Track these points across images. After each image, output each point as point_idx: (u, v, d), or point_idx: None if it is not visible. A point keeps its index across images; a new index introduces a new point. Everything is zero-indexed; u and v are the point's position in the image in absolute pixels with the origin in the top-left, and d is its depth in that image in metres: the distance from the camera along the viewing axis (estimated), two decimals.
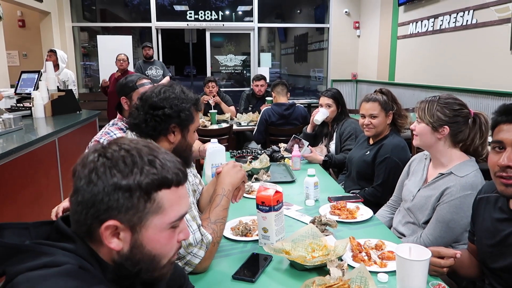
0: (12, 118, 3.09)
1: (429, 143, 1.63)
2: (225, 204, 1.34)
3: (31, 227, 0.74)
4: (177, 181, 0.75)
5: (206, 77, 7.26)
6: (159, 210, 0.73)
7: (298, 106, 3.95)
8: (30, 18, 6.93)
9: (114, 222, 0.70)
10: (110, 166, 0.70)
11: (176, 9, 7.50)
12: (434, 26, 5.11)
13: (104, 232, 0.70)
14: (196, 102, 1.38)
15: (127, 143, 0.75)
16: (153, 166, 0.72)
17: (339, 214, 1.72)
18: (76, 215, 0.72)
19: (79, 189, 0.71)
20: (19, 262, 0.66)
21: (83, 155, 0.76)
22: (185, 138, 1.38)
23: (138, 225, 0.72)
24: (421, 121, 1.63)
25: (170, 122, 1.34)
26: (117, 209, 0.70)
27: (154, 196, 0.72)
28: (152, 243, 0.74)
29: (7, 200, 2.49)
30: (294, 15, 8.60)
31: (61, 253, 0.68)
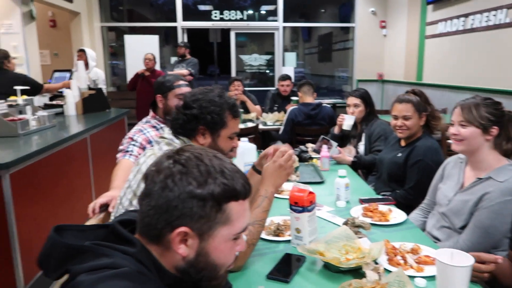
0: (46, 115, 3.19)
1: (475, 147, 1.58)
2: (266, 206, 1.33)
3: (89, 230, 0.77)
4: (244, 193, 0.78)
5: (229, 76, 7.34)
6: (227, 221, 0.75)
7: (325, 106, 3.92)
8: (61, 18, 7.13)
9: (186, 229, 0.72)
10: (186, 173, 0.73)
11: (200, 9, 7.57)
12: (465, 25, 4.98)
13: (175, 237, 0.73)
14: (231, 108, 1.38)
15: (199, 151, 0.78)
16: (225, 177, 0.75)
17: (372, 216, 1.69)
18: (147, 218, 0.74)
19: (152, 193, 0.73)
20: (81, 262, 0.68)
21: (157, 160, 0.78)
22: (216, 142, 1.39)
23: (207, 233, 0.74)
24: (469, 124, 1.57)
25: (198, 123, 1.37)
26: (190, 216, 0.72)
27: (225, 207, 0.74)
28: (216, 253, 0.76)
29: (42, 195, 2.57)
30: (318, 14, 8.54)
31: (120, 256, 0.71)
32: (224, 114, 1.37)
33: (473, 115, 1.56)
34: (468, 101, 1.61)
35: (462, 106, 1.61)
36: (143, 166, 1.37)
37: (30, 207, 2.40)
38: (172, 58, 7.68)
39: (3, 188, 2.15)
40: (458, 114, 1.60)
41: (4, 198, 2.15)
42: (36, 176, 2.50)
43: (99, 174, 3.46)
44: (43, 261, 0.72)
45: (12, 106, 3.05)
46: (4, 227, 2.17)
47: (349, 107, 2.91)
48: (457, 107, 1.63)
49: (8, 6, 4.92)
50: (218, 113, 1.36)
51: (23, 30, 5.02)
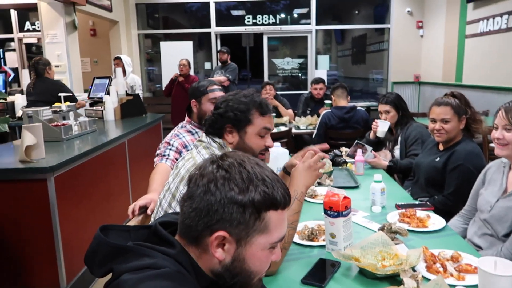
0: (87, 121, 3.33)
1: None
2: (296, 208, 1.31)
3: (132, 230, 0.81)
4: (284, 203, 0.78)
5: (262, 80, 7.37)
6: (265, 230, 0.76)
7: (359, 109, 3.86)
8: (101, 27, 7.44)
9: (224, 233, 0.74)
10: (229, 179, 0.75)
11: (233, 14, 7.66)
12: (508, 24, 4.76)
13: (213, 241, 0.75)
14: (259, 105, 1.39)
15: (242, 158, 0.79)
16: (266, 186, 0.76)
17: (409, 222, 1.65)
18: (188, 220, 0.77)
19: (194, 196, 0.76)
20: (124, 261, 0.72)
21: (200, 164, 0.81)
22: (243, 140, 1.40)
23: (244, 240, 0.75)
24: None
25: (224, 122, 1.40)
26: (229, 221, 0.74)
27: (264, 215, 0.75)
28: (252, 260, 0.77)
29: (83, 197, 2.69)
30: (352, 16, 8.42)
31: (161, 256, 0.73)
32: (249, 112, 1.39)
33: None
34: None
35: (506, 108, 1.54)
36: (182, 169, 1.41)
37: (72, 208, 2.51)
38: (206, 63, 7.83)
39: (49, 190, 2.26)
40: (503, 117, 1.54)
41: (49, 199, 2.26)
42: (78, 179, 2.61)
43: (135, 177, 3.57)
44: (89, 259, 0.76)
45: (56, 112, 3.21)
46: (49, 227, 2.28)
47: (381, 114, 2.86)
48: (500, 109, 1.57)
49: (53, 17, 5.19)
50: (243, 110, 1.38)
51: (66, 40, 5.27)
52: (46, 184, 2.25)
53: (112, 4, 6.45)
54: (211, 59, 7.49)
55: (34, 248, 2.31)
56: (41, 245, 2.31)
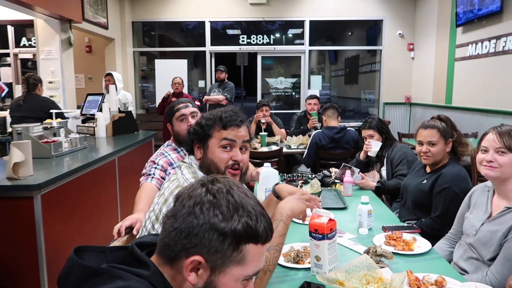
0: (78, 137, 3.32)
1: (509, 175, 1.54)
2: (281, 230, 1.29)
3: (108, 251, 0.80)
4: (265, 238, 0.78)
5: (255, 98, 7.43)
6: (241, 262, 0.75)
7: (350, 129, 3.89)
8: (96, 44, 7.50)
9: (200, 258, 0.74)
10: (215, 204, 0.75)
11: (228, 33, 7.77)
12: (496, 48, 4.87)
13: (188, 264, 0.74)
14: (220, 119, 1.39)
15: (231, 185, 0.80)
16: (250, 218, 0.75)
17: (395, 245, 1.65)
18: (167, 238, 0.76)
19: (178, 216, 0.76)
20: (97, 284, 0.71)
21: (191, 185, 0.81)
22: (206, 154, 1.41)
23: (219, 268, 0.75)
24: (509, 151, 1.52)
25: (191, 139, 1.45)
26: (207, 248, 0.73)
27: (242, 247, 0.75)
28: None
29: (70, 215, 2.66)
30: (345, 37, 8.58)
31: (135, 279, 0.73)
32: (211, 127, 1.40)
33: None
34: (506, 127, 1.56)
35: (500, 132, 1.55)
36: (166, 191, 1.41)
37: (58, 227, 2.48)
38: (200, 81, 7.89)
39: (35, 208, 2.24)
40: (496, 140, 1.55)
41: (35, 218, 2.24)
42: (66, 197, 2.59)
43: (125, 195, 3.54)
44: (62, 281, 0.75)
45: (47, 128, 3.21)
46: (34, 246, 2.25)
47: (365, 139, 2.90)
48: (491, 132, 1.58)
49: (49, 34, 5.23)
50: (203, 125, 1.41)
51: (61, 56, 5.30)
52: (32, 202, 2.23)
53: (109, 22, 6.52)
54: (205, 77, 7.56)
55: (17, 267, 2.27)
56: (24, 264, 2.27)
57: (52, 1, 4.70)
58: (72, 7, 5.23)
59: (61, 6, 4.92)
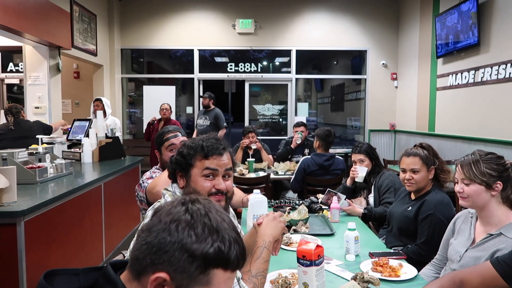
0: (63, 163, 3.29)
1: (482, 203, 1.58)
2: (266, 256, 1.33)
3: (81, 273, 0.78)
4: (235, 266, 0.78)
5: (243, 124, 7.48)
6: (208, 285, 0.75)
7: (337, 158, 3.95)
8: (84, 70, 7.53)
9: (166, 275, 0.72)
10: (191, 225, 0.75)
11: (217, 61, 7.91)
12: (475, 78, 5.07)
13: (153, 280, 0.73)
14: (201, 148, 1.40)
15: (211, 208, 0.80)
16: (223, 243, 0.75)
17: (382, 272, 1.66)
18: (138, 251, 0.76)
19: (152, 230, 0.75)
20: None
21: (172, 202, 0.81)
22: (189, 183, 1.41)
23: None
24: (471, 182, 1.57)
25: (173, 167, 1.45)
26: (175, 266, 0.73)
27: (210, 271, 0.74)
28: None
29: (53, 243, 2.60)
30: (331, 66, 8.80)
31: None
32: (193, 156, 1.41)
33: (473, 172, 1.56)
34: (468, 158, 1.62)
35: (461, 163, 1.61)
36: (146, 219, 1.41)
37: (41, 254, 2.42)
38: (188, 107, 7.94)
39: (17, 235, 2.19)
40: (460, 172, 1.61)
41: (17, 245, 2.19)
42: (50, 223, 2.54)
43: (110, 221, 3.49)
44: None
45: (33, 154, 3.17)
46: (15, 273, 2.19)
47: (355, 163, 2.94)
48: (457, 164, 1.64)
49: (37, 60, 5.24)
50: (185, 155, 1.41)
51: (49, 82, 5.30)
52: (15, 229, 2.18)
53: (98, 49, 6.59)
54: (193, 103, 7.62)
55: None
56: None
57: (42, 29, 4.75)
58: (61, 34, 5.28)
59: (51, 33, 4.97)
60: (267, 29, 7.41)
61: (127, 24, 7.37)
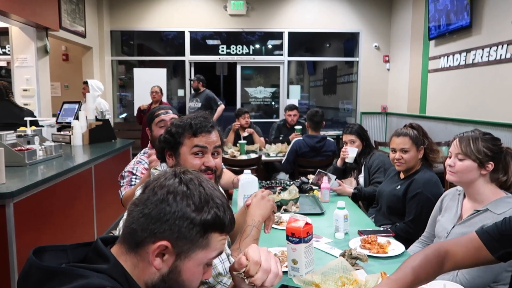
0: (53, 145, 3.25)
1: (470, 180, 1.59)
2: (255, 234, 1.34)
3: (69, 249, 0.79)
4: (229, 229, 0.84)
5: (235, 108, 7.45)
6: (206, 247, 0.80)
7: (329, 139, 3.96)
8: (73, 52, 7.39)
9: (167, 243, 0.76)
10: (188, 195, 0.79)
11: (208, 43, 7.81)
12: (467, 60, 5.07)
13: (155, 249, 0.76)
14: (189, 126, 1.40)
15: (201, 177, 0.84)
16: (218, 209, 0.81)
17: (370, 248, 1.69)
18: (135, 224, 0.78)
19: (148, 203, 0.78)
20: (57, 284, 0.70)
21: (159, 176, 0.83)
22: (178, 161, 1.42)
23: (184, 254, 0.78)
24: (466, 157, 1.58)
25: (162, 146, 1.45)
26: (176, 234, 0.77)
27: (208, 235, 0.80)
28: (187, 273, 0.79)
29: (44, 225, 2.59)
30: (323, 48, 8.75)
31: (95, 275, 0.72)
32: (181, 134, 1.41)
33: (470, 149, 1.57)
34: (467, 134, 1.62)
35: (460, 138, 1.62)
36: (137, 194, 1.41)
37: (31, 236, 2.41)
38: (179, 90, 7.88)
39: (7, 217, 2.18)
40: (456, 146, 1.62)
41: (6, 226, 2.18)
42: (40, 205, 2.53)
43: (101, 204, 3.48)
44: (21, 284, 0.74)
45: (21, 136, 3.13)
46: (5, 256, 2.18)
47: (346, 144, 2.95)
48: (455, 139, 1.65)
49: (24, 41, 5.13)
50: (173, 133, 1.41)
51: (37, 64, 5.20)
52: (4, 211, 2.17)
53: (86, 30, 6.46)
54: (185, 86, 7.55)
55: None
56: None
57: (28, 9, 4.63)
58: (48, 15, 5.15)
59: (38, 14, 4.84)
60: (259, 10, 7.31)
61: (117, 5, 7.22)
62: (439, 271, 1.13)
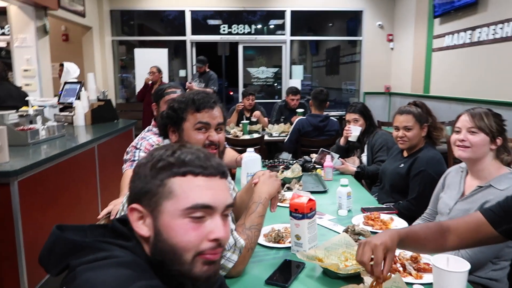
0: (55, 125, 3.26)
1: (481, 154, 1.60)
2: (261, 211, 1.35)
3: (88, 229, 0.80)
4: (192, 171, 0.77)
5: (237, 88, 7.41)
6: (170, 195, 0.76)
7: (332, 119, 3.95)
8: (73, 32, 7.31)
9: (136, 205, 0.77)
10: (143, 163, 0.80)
11: (209, 23, 7.70)
12: (472, 38, 4.99)
13: (130, 216, 0.77)
14: (192, 102, 1.40)
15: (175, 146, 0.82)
16: (173, 157, 0.78)
17: (373, 225, 1.70)
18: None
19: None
20: (81, 257, 0.71)
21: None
22: (182, 137, 1.42)
23: (155, 209, 0.76)
24: (480, 131, 1.58)
25: (164, 122, 1.45)
26: (138, 193, 0.77)
27: (166, 182, 0.76)
28: (167, 230, 0.75)
29: (48, 203, 2.61)
30: (326, 28, 8.62)
31: (118, 249, 0.74)
32: (184, 110, 1.41)
33: (484, 123, 1.58)
34: (478, 109, 1.63)
35: (472, 113, 1.62)
36: None
37: (36, 214, 2.44)
38: (181, 70, 7.81)
39: (12, 195, 2.19)
40: (468, 121, 1.61)
41: (12, 204, 2.19)
42: (44, 184, 2.54)
43: (105, 183, 3.50)
44: (45, 257, 0.75)
45: (23, 116, 3.13)
46: (11, 233, 2.21)
47: (349, 123, 2.93)
48: (464, 114, 1.64)
49: (23, 21, 5.06)
50: (176, 109, 1.42)
51: (37, 44, 5.14)
52: (9, 189, 2.18)
53: (86, 10, 6.36)
54: (186, 66, 7.49)
55: None
56: (2, 252, 2.23)
57: None
58: None
59: None
60: None
61: None
62: (442, 243, 1.14)
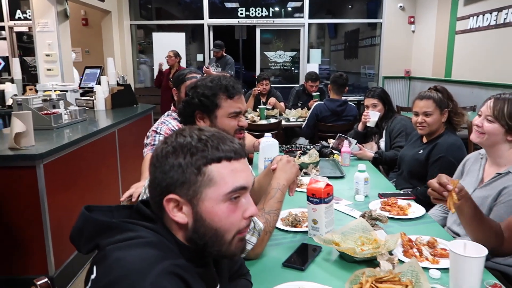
0: (77, 110, 3.33)
1: (495, 142, 1.56)
2: (279, 197, 1.37)
3: (114, 210, 0.84)
4: (226, 156, 0.79)
5: (254, 73, 7.37)
6: (211, 183, 0.78)
7: (350, 104, 3.91)
8: (93, 17, 7.38)
9: (173, 195, 0.78)
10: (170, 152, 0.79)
11: (227, 6, 7.65)
12: (498, 20, 4.82)
13: (166, 205, 0.78)
14: (225, 88, 1.43)
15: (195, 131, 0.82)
16: (204, 145, 0.78)
17: (390, 210, 1.70)
18: (150, 196, 0.83)
19: (150, 174, 0.82)
20: (109, 236, 0.75)
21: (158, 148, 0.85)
22: (215, 124, 1.45)
23: (195, 198, 0.78)
24: (495, 121, 1.53)
25: (193, 108, 1.46)
26: (174, 184, 0.77)
27: (204, 170, 0.77)
28: (210, 216, 0.79)
29: (72, 185, 2.70)
30: (345, 10, 8.45)
31: (144, 230, 0.77)
32: (216, 96, 1.43)
33: (502, 113, 1.51)
34: (504, 96, 1.55)
35: (496, 100, 1.55)
36: None
37: (61, 196, 2.53)
38: (198, 55, 7.82)
39: (38, 177, 2.28)
40: (489, 107, 1.56)
41: (38, 186, 2.28)
42: (67, 167, 2.63)
43: (125, 166, 3.59)
44: (75, 237, 0.79)
45: (46, 100, 3.21)
46: (38, 214, 2.31)
47: (367, 108, 2.90)
48: (490, 99, 1.59)
49: (44, 6, 5.14)
50: (208, 95, 1.43)
51: (58, 29, 5.23)
52: (35, 171, 2.27)
53: None
54: (204, 51, 7.49)
55: (22, 235, 2.34)
56: (30, 232, 2.33)
57: None
58: None
59: None
60: None
61: None
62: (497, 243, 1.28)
